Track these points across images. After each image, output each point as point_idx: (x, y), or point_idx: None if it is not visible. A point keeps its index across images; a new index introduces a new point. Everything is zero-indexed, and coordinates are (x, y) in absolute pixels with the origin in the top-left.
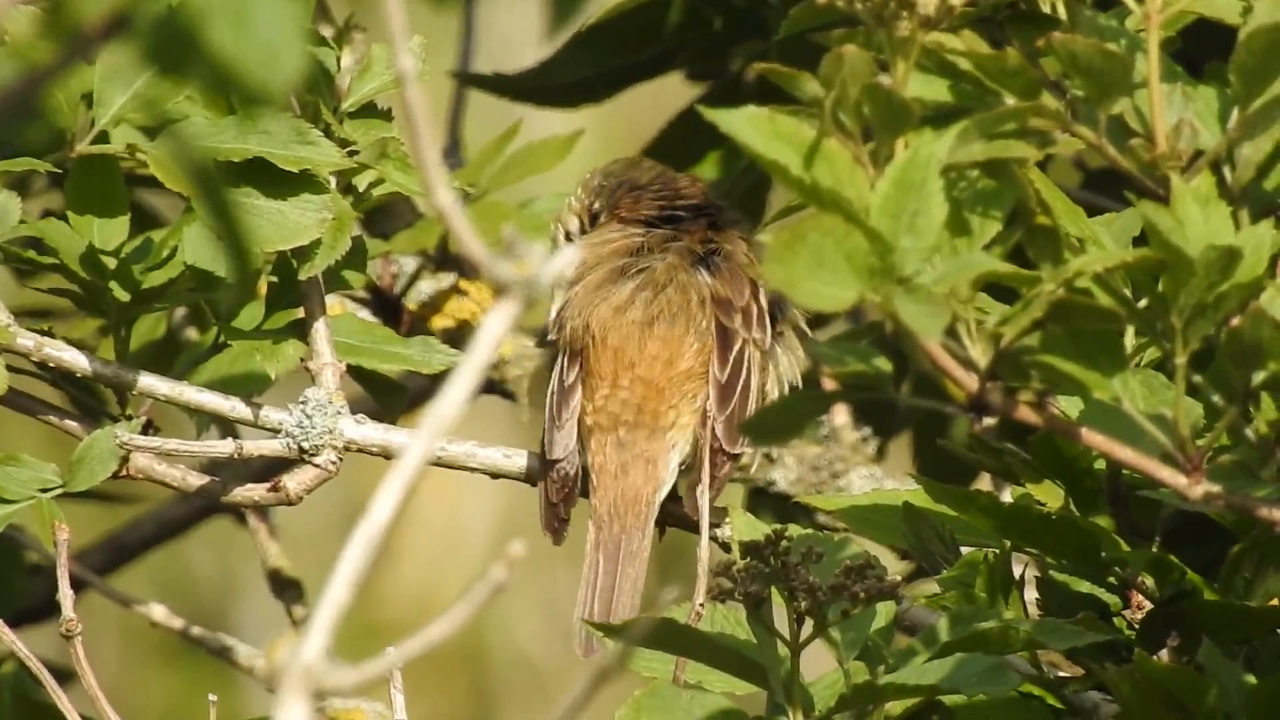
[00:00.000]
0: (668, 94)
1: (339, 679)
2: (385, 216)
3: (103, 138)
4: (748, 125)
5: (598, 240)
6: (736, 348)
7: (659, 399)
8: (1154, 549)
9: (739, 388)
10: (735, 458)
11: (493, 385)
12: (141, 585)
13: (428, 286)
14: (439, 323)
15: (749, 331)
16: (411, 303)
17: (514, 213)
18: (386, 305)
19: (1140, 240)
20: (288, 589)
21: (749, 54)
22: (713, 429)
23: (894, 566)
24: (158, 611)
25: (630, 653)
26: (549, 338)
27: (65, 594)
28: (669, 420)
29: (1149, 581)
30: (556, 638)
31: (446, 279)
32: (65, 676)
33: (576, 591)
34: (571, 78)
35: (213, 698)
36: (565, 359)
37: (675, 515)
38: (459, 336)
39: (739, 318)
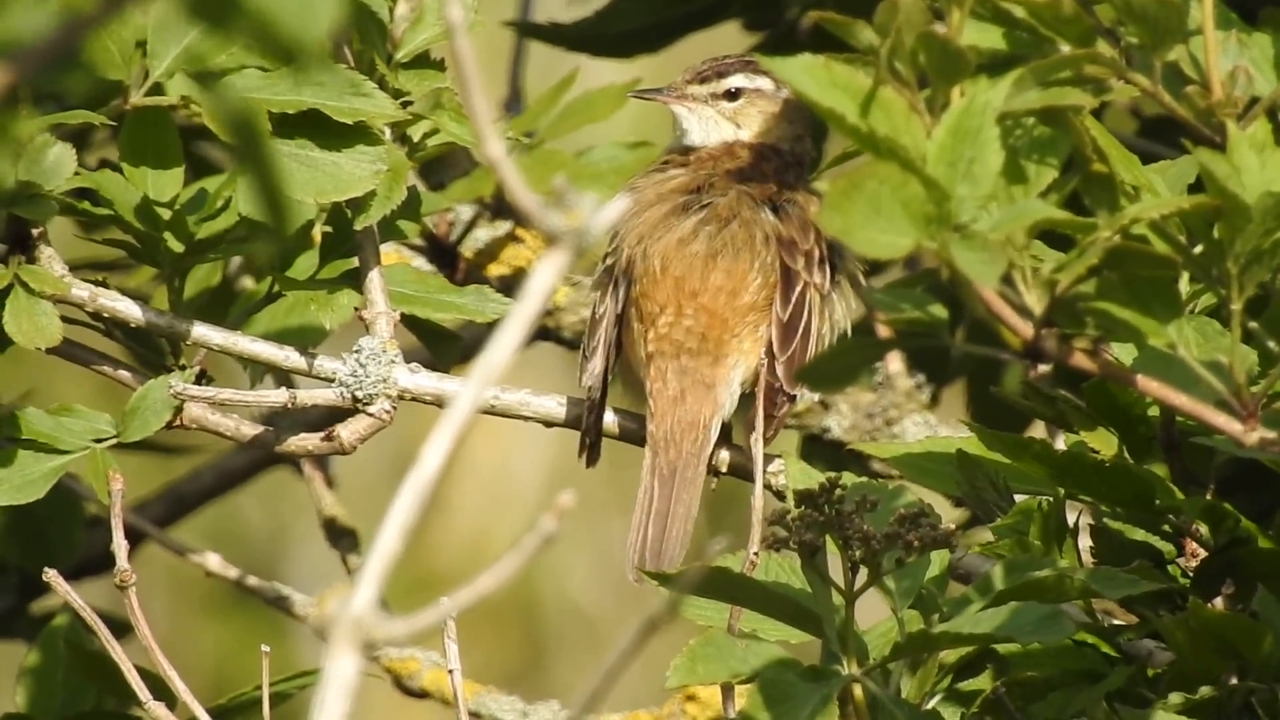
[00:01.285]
0: (722, 43)
1: (390, 629)
2: (442, 165)
3: (157, 90)
4: (804, 74)
5: (660, 177)
6: (799, 289)
7: (722, 328)
8: (1208, 496)
9: (800, 329)
10: (793, 399)
11: (547, 333)
12: (194, 537)
13: (484, 234)
14: (495, 270)
15: (810, 275)
16: (468, 250)
17: (570, 162)
18: (442, 253)
19: (1195, 187)
20: (343, 538)
21: (804, 3)
22: (773, 368)
23: (948, 514)
24: (213, 561)
25: (681, 602)
26: (604, 266)
27: (119, 545)
28: (731, 348)
29: (1203, 529)
30: (608, 587)
31: (503, 227)
32: (120, 628)
33: (627, 540)
34: (627, 27)
35: (265, 648)
36: (613, 289)
37: (732, 463)
38: (515, 284)
39: (802, 260)
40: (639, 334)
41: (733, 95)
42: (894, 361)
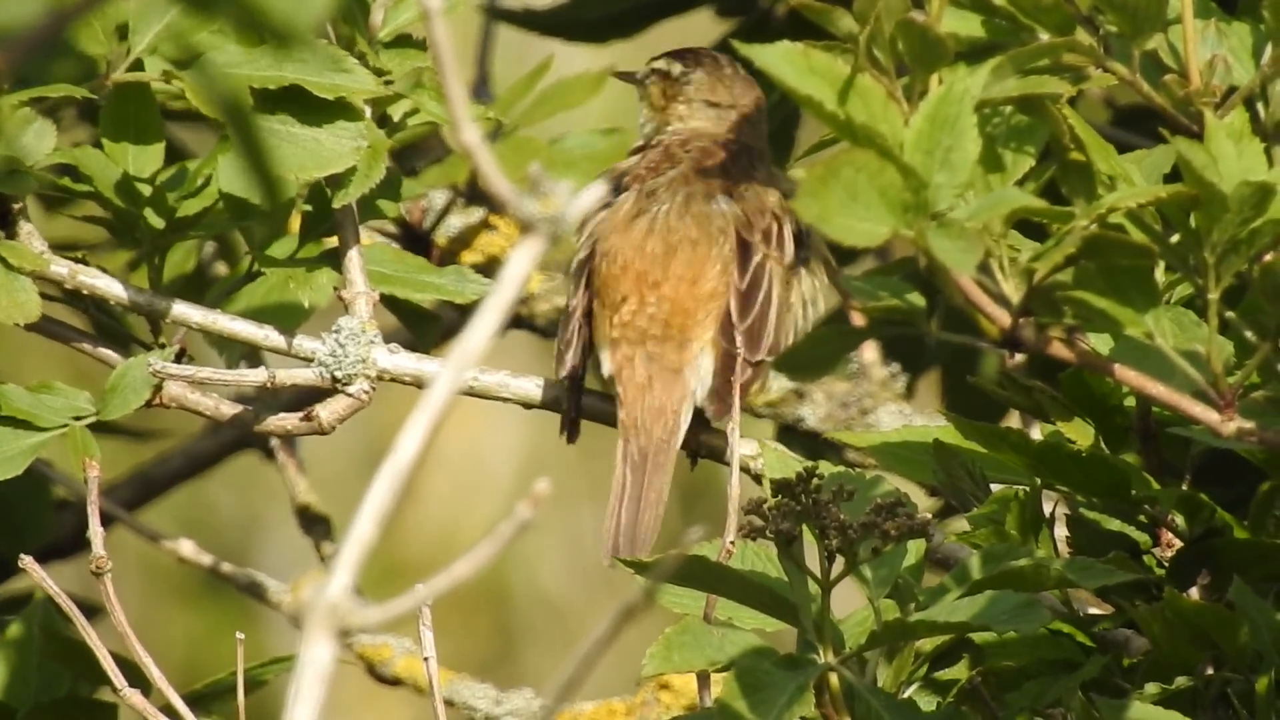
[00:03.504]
0: (696, 29)
1: (365, 616)
2: (415, 152)
3: (138, 66)
4: (782, 60)
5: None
6: (756, 260)
7: (686, 316)
8: (1184, 487)
9: (759, 299)
10: (759, 364)
11: (520, 320)
12: (165, 522)
13: (457, 221)
14: (469, 258)
15: (768, 247)
16: (441, 237)
17: (544, 149)
18: (416, 240)
19: (1171, 177)
20: (316, 524)
21: None
22: (731, 335)
23: (924, 503)
24: (186, 547)
25: (656, 590)
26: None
27: (96, 531)
28: (694, 334)
29: (1179, 519)
30: (579, 576)
31: (476, 214)
32: (92, 612)
33: (599, 530)
34: (601, 13)
35: (240, 635)
36: (581, 287)
37: (708, 446)
38: (488, 271)
39: (759, 235)
40: (602, 320)
41: (683, 82)
42: (868, 351)
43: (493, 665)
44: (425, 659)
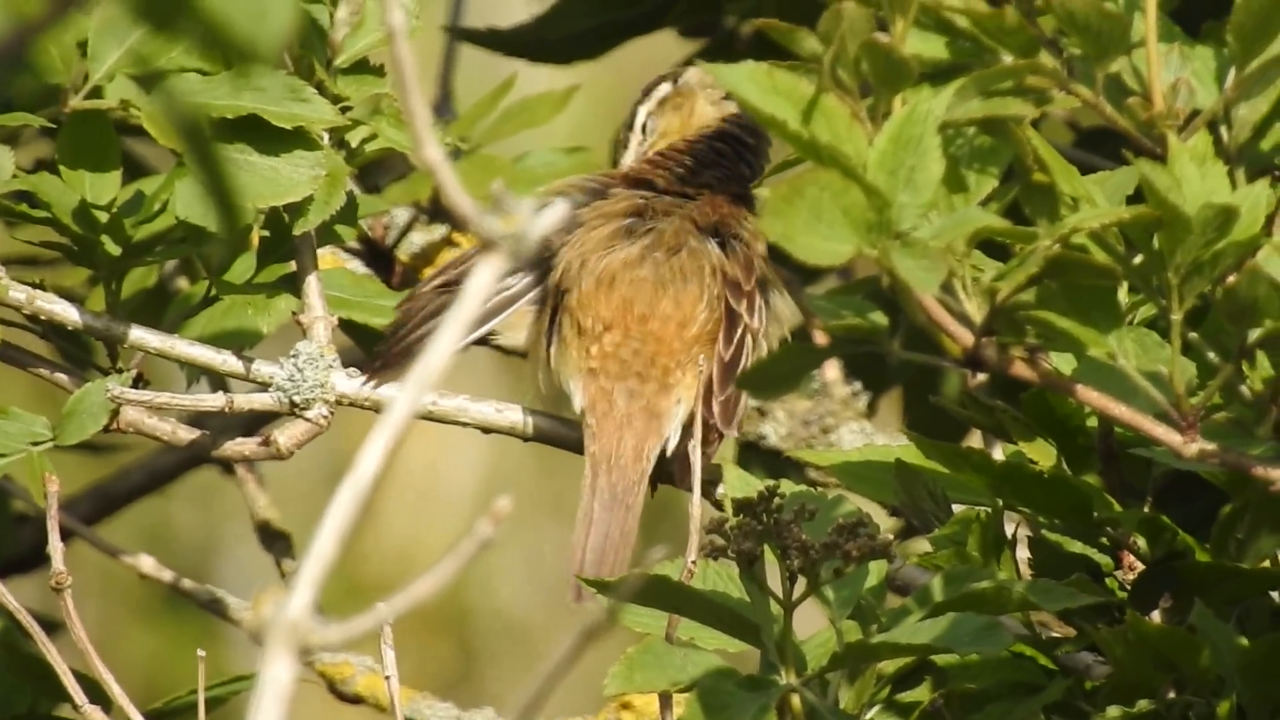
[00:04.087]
0: (658, 51)
1: (325, 635)
2: (378, 168)
3: (96, 92)
4: (747, 80)
5: (600, 202)
6: (739, 331)
7: (670, 357)
8: (1146, 509)
9: (738, 372)
10: (722, 437)
11: (483, 339)
12: (125, 538)
13: (420, 238)
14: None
15: (751, 319)
16: (404, 255)
17: (507, 167)
18: (379, 257)
19: (1134, 199)
20: (276, 541)
21: (742, 11)
22: (710, 405)
23: (885, 523)
24: (146, 563)
25: (619, 610)
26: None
27: (56, 547)
28: (677, 379)
29: (1141, 541)
30: (540, 596)
31: (439, 231)
32: (52, 628)
33: (560, 549)
34: (565, 33)
35: (201, 652)
36: (555, 302)
37: (668, 473)
38: None
39: (745, 303)
40: (576, 347)
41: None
42: (830, 369)
43: (454, 684)
44: (386, 677)
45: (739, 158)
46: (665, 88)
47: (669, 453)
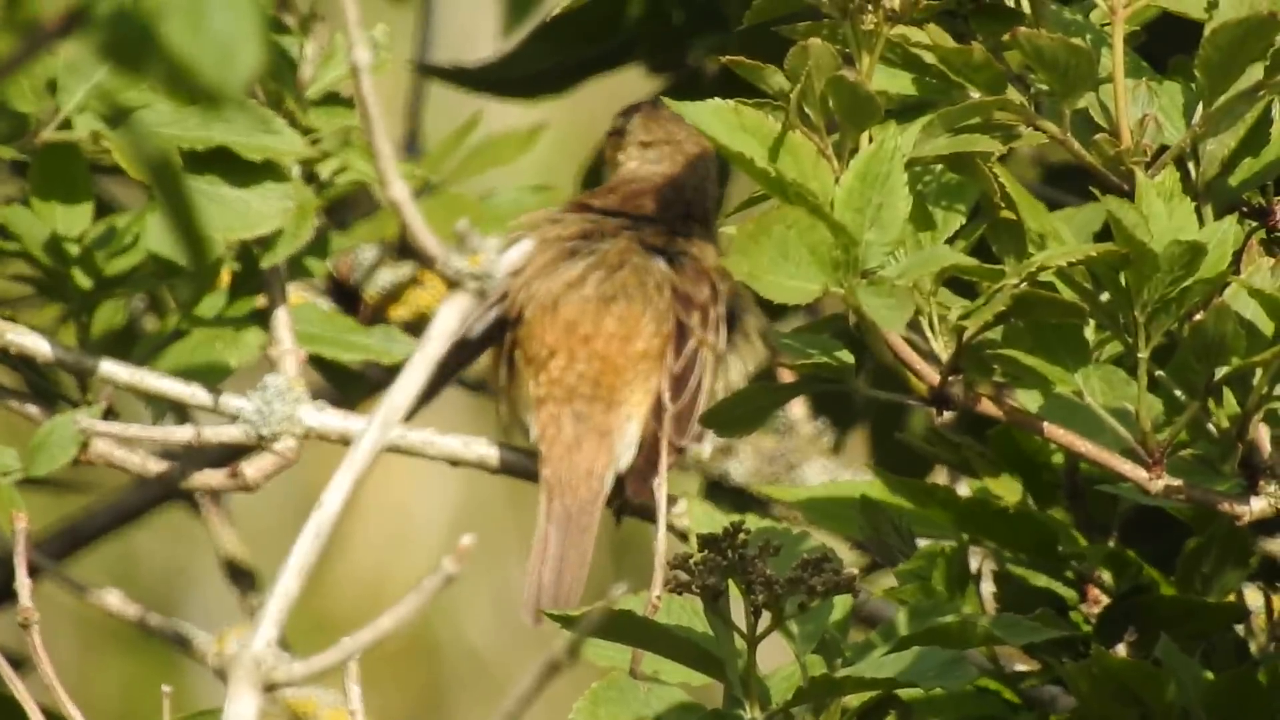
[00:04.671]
0: (627, 87)
1: (290, 670)
2: (345, 206)
3: (66, 125)
4: (713, 117)
5: (549, 227)
6: (690, 345)
7: (616, 375)
8: (1111, 544)
9: (690, 385)
10: (680, 451)
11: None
12: (93, 574)
13: (387, 276)
14: (398, 312)
15: (704, 331)
16: (370, 292)
17: (474, 205)
18: (345, 294)
19: (1101, 236)
20: (242, 577)
21: (709, 47)
22: (661, 420)
23: (849, 558)
24: (113, 599)
25: (581, 644)
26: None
27: (23, 583)
28: (625, 396)
29: (1106, 576)
30: (507, 630)
31: (406, 269)
32: (20, 664)
33: (524, 584)
34: (531, 70)
35: (167, 689)
36: (509, 332)
37: (633, 505)
38: (418, 327)
39: (696, 315)
40: (527, 377)
41: (621, 132)
42: (796, 406)
43: (422, 717)
44: (351, 713)
45: (690, 187)
46: (617, 123)
47: (620, 470)
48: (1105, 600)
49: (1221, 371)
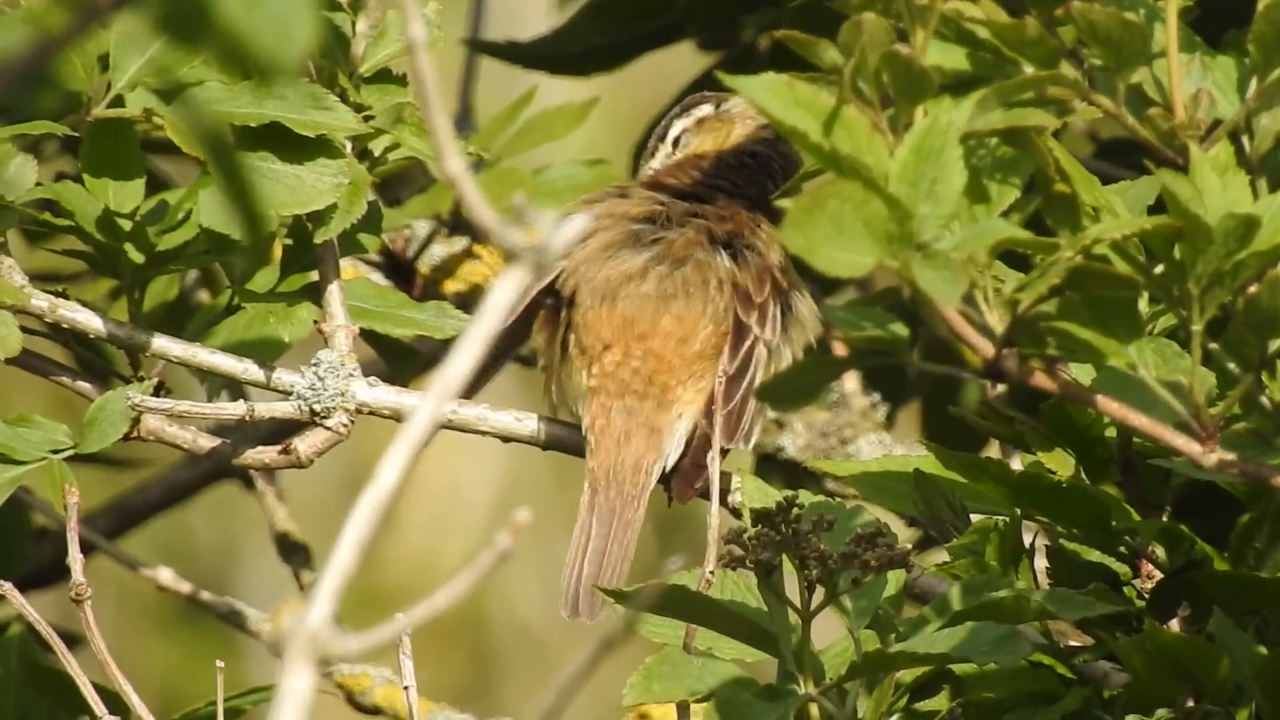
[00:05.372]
0: (676, 64)
1: (345, 646)
2: (399, 181)
3: (118, 101)
4: (767, 92)
5: (616, 202)
6: (748, 344)
7: (670, 374)
8: (1165, 518)
9: (744, 385)
10: (725, 453)
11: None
12: (144, 551)
13: (441, 250)
14: (451, 286)
15: (762, 330)
16: (424, 266)
17: (527, 179)
18: (399, 269)
19: (1155, 210)
20: (295, 553)
21: (760, 23)
22: (712, 420)
23: (903, 533)
24: (165, 576)
25: (634, 621)
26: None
27: (75, 558)
28: (677, 395)
29: (1159, 551)
30: (556, 607)
31: (459, 243)
32: (72, 640)
33: (561, 575)
34: (583, 46)
35: (220, 663)
36: (564, 314)
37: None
38: (471, 300)
39: (755, 314)
40: (579, 366)
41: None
42: (849, 380)
43: (471, 695)
44: (405, 688)
45: (762, 170)
46: (707, 108)
47: (668, 468)
48: (1158, 575)
49: (1275, 344)
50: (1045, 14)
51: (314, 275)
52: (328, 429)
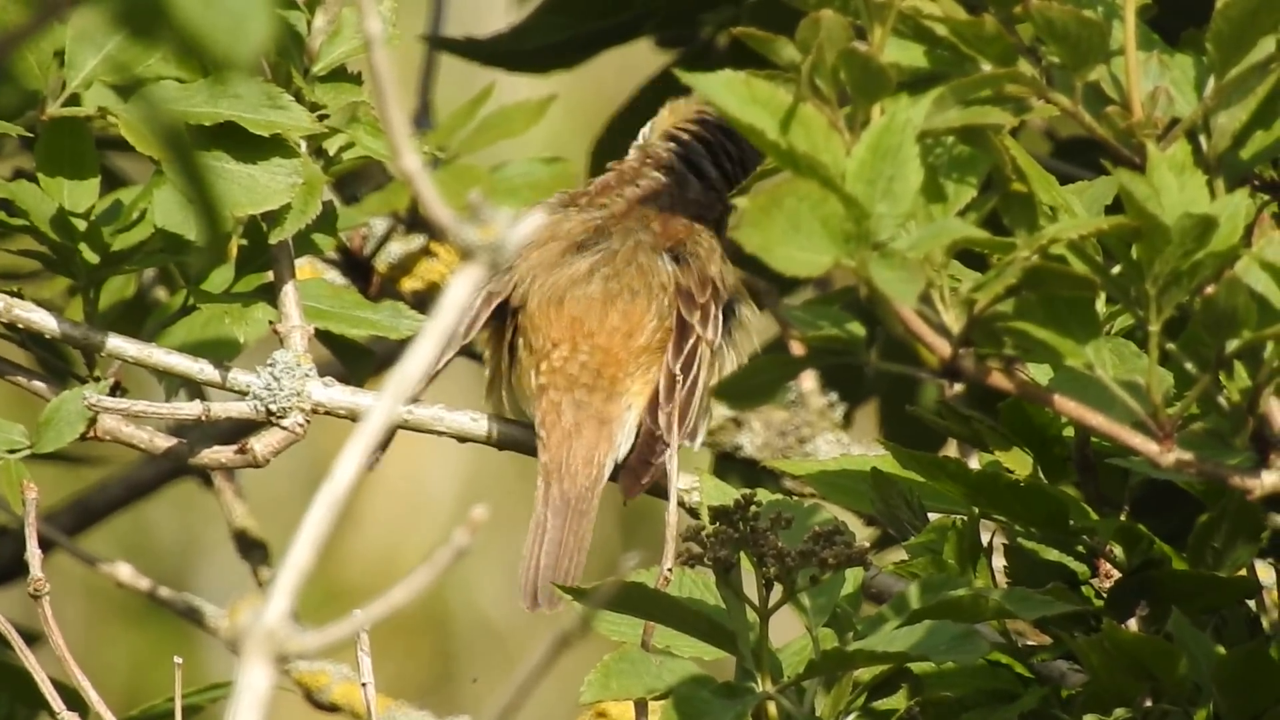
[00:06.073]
0: (636, 60)
1: (302, 642)
2: (356, 179)
3: (74, 100)
4: (724, 89)
5: (558, 216)
6: (691, 342)
7: (617, 367)
8: (1123, 518)
9: (687, 383)
10: (668, 446)
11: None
12: (105, 547)
13: (398, 248)
14: (409, 284)
15: (704, 330)
16: (381, 264)
17: (485, 177)
18: (356, 266)
19: (1112, 209)
20: (253, 550)
21: (719, 20)
22: (655, 416)
23: (861, 532)
24: (124, 572)
25: (593, 616)
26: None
27: (34, 553)
28: (625, 387)
29: (1118, 550)
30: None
31: (416, 241)
32: (32, 637)
33: (519, 568)
34: (543, 42)
35: (178, 660)
36: (511, 318)
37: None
38: (429, 298)
39: (698, 314)
40: (528, 366)
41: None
42: (806, 380)
43: (432, 690)
44: (363, 685)
45: (715, 164)
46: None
47: (619, 460)
48: (1116, 575)
49: (1233, 345)
50: (1003, 11)
51: (269, 275)
52: (284, 429)
